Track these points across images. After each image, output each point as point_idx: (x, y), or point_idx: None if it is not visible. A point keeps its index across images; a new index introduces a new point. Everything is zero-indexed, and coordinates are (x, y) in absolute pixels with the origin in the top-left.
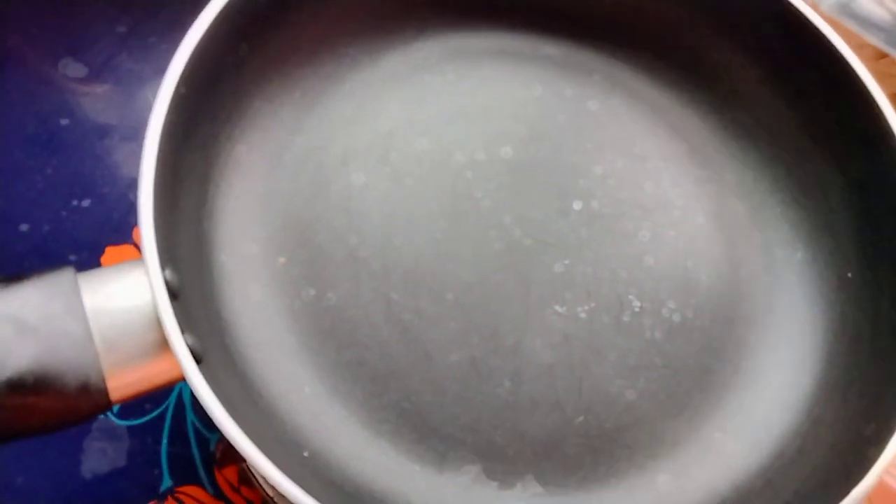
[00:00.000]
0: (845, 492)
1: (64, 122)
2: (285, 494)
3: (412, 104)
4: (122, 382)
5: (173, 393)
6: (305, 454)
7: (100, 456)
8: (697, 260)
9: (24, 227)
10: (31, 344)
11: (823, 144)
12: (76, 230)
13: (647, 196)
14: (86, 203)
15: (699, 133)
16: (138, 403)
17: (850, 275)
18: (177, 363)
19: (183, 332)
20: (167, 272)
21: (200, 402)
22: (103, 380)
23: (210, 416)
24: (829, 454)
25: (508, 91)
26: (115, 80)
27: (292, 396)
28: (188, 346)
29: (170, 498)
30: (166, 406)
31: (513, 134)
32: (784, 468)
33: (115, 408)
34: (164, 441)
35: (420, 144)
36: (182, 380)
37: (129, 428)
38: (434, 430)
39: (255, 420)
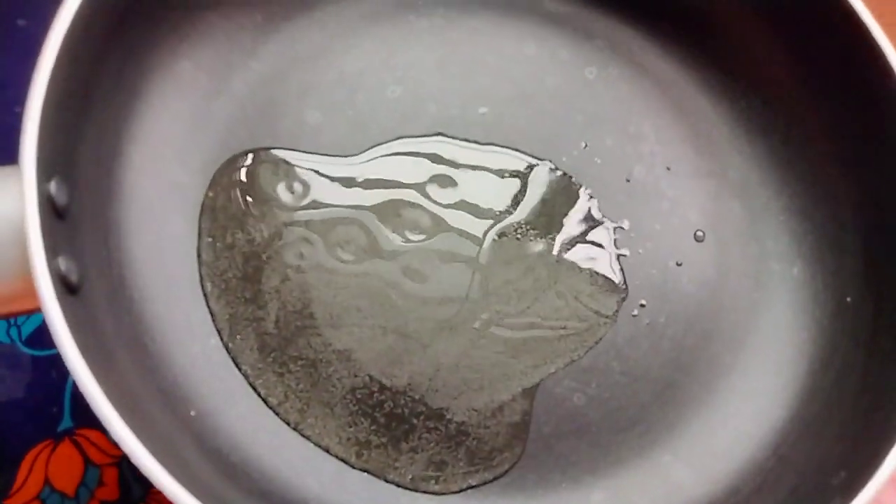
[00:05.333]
0: None
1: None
2: (133, 460)
3: (390, 45)
4: None
5: None
6: (192, 413)
7: None
8: (681, 260)
9: None
10: None
11: (845, 152)
12: None
13: (636, 181)
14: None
15: (706, 118)
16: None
17: (849, 300)
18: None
19: (58, 255)
20: (53, 184)
21: (52, 335)
22: None
23: (60, 353)
24: (789, 498)
25: (498, 45)
26: None
27: (193, 347)
28: (60, 271)
29: (67, 439)
30: None
31: (495, 92)
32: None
33: (25, 332)
34: (70, 379)
35: (391, 91)
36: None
37: (34, 358)
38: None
39: (138, 365)
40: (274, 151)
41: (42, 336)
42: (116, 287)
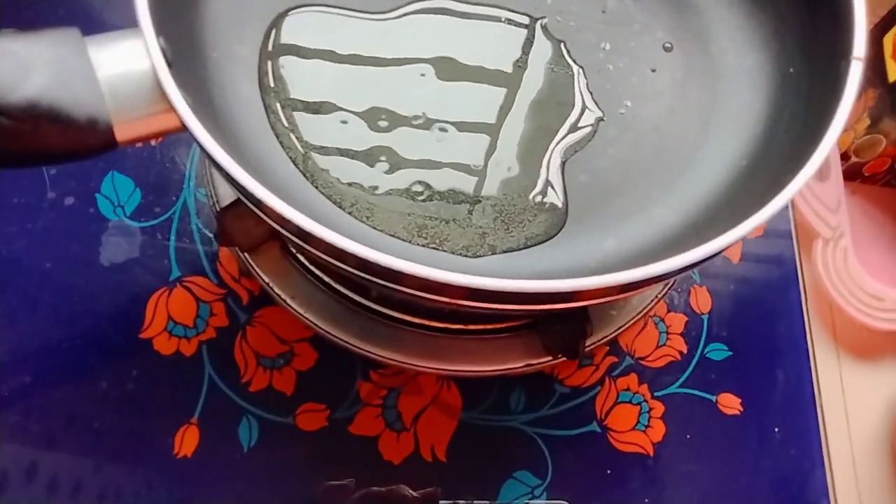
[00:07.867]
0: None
1: None
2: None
3: None
4: (127, 125)
5: (179, 201)
6: None
7: (116, 248)
8: (655, 67)
9: None
10: (45, 73)
11: None
12: None
13: (610, 13)
14: None
15: None
16: (148, 208)
17: (791, 70)
18: (174, 112)
19: (178, 87)
20: (162, 40)
21: (191, 134)
22: (109, 117)
23: (200, 145)
24: (753, 206)
25: None
26: None
27: (279, 171)
28: (185, 96)
29: (179, 286)
30: (174, 211)
31: None
32: (714, 223)
33: (129, 210)
34: (172, 238)
35: None
36: (180, 129)
37: (142, 228)
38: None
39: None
40: (306, 9)
41: (143, 210)
42: (215, 128)
